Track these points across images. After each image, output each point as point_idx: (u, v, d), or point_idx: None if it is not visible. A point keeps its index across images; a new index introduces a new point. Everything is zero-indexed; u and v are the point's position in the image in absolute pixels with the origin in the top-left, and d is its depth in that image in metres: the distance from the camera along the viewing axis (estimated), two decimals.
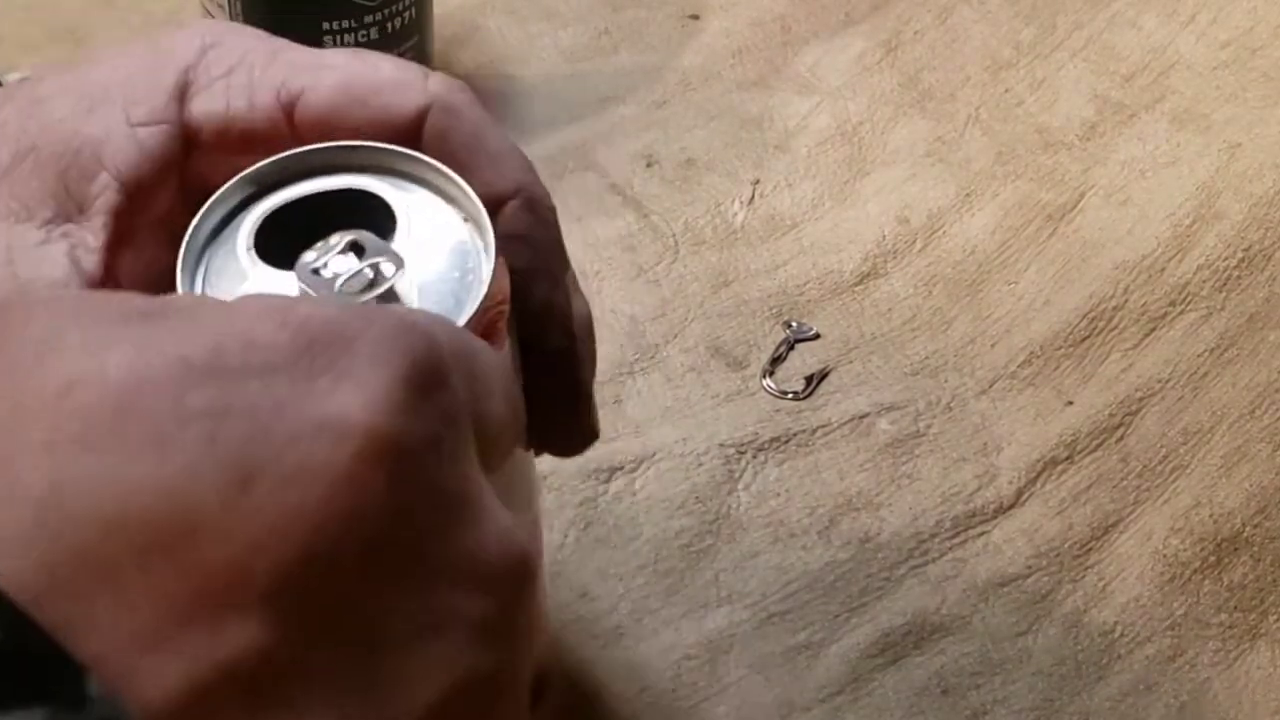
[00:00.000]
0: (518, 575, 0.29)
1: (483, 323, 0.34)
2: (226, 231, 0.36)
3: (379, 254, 0.33)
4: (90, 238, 0.36)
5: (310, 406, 0.26)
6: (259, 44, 0.39)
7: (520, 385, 0.40)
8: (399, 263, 0.33)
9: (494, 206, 0.37)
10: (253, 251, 0.35)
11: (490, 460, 0.30)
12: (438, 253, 0.35)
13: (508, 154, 0.38)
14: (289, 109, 0.37)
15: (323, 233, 0.34)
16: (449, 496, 0.27)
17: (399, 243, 0.35)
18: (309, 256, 0.33)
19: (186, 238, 0.35)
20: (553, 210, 0.39)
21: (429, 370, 0.28)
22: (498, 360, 0.31)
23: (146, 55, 0.38)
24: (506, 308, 0.36)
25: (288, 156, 0.37)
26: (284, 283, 0.34)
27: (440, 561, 0.27)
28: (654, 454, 0.57)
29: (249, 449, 0.25)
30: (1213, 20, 0.73)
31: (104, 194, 0.36)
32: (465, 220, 0.36)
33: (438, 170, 0.36)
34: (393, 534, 0.26)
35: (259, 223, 0.35)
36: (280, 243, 0.35)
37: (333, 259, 0.33)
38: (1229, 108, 0.69)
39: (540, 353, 0.40)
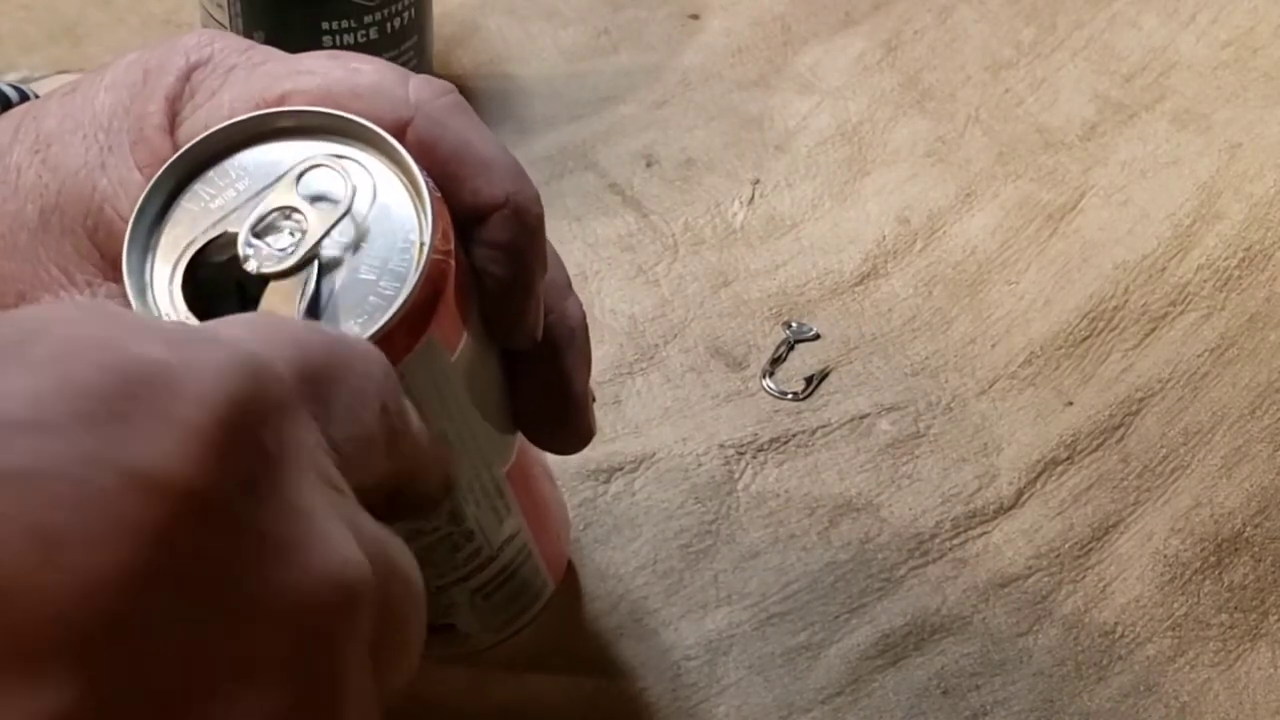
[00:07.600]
0: (340, 605, 0.27)
1: (428, 283, 0.35)
2: (168, 219, 0.36)
3: (308, 220, 0.34)
4: None
5: (121, 459, 0.25)
6: (243, 58, 0.39)
7: (500, 383, 0.41)
8: (330, 229, 0.34)
9: (481, 215, 0.37)
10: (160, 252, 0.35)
11: (369, 463, 0.30)
12: (379, 219, 0.35)
13: (496, 160, 0.38)
14: None
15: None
16: (262, 537, 0.26)
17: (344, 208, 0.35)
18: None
19: (128, 231, 0.35)
20: (539, 217, 0.39)
21: (249, 408, 0.27)
22: (377, 368, 0.31)
23: (138, 80, 0.38)
24: (451, 262, 0.36)
25: (216, 132, 0.36)
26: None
27: (251, 604, 0.26)
28: (653, 454, 0.56)
29: (59, 509, 0.24)
30: (1213, 20, 0.73)
31: None
32: (403, 182, 0.36)
33: (374, 132, 0.36)
34: (202, 584, 0.25)
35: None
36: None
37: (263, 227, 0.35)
38: (1229, 108, 0.69)
39: (519, 355, 0.40)
